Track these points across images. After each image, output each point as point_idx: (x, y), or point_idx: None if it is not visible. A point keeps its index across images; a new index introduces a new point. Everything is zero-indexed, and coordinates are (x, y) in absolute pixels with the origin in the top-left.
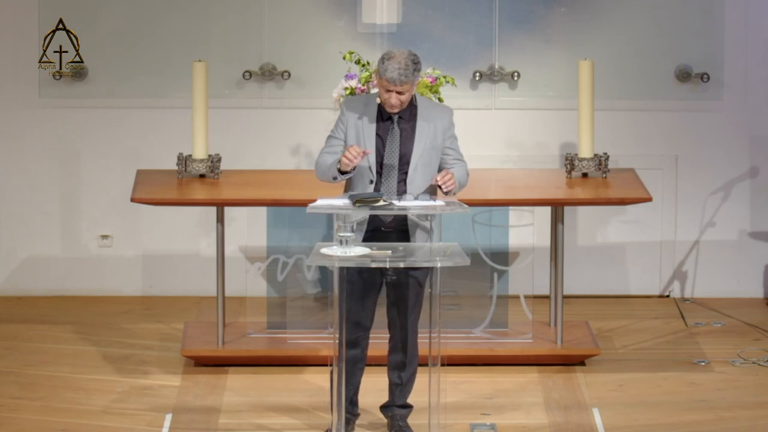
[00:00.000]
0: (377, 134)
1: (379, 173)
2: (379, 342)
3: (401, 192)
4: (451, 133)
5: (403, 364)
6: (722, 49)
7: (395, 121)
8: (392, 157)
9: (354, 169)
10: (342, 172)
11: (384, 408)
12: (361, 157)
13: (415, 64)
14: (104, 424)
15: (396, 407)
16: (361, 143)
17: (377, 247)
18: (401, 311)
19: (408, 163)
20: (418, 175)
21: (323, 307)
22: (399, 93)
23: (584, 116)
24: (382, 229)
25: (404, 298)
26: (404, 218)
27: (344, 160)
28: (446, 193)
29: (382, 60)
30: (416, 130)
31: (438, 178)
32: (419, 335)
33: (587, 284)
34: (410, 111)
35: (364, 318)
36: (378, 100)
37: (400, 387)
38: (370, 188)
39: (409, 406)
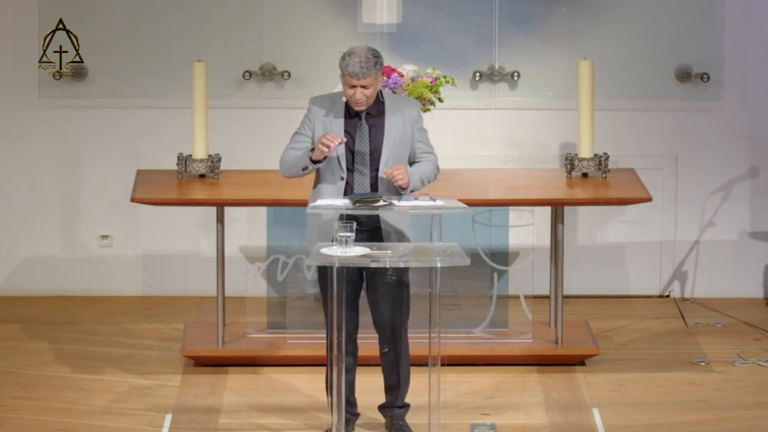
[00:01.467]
0: (346, 131)
1: (350, 170)
2: (373, 342)
3: (374, 188)
4: (419, 126)
5: (395, 365)
6: (722, 49)
7: (363, 118)
8: (362, 153)
9: (326, 158)
10: (315, 162)
11: (382, 408)
12: (338, 143)
13: (376, 58)
14: (104, 424)
15: (395, 408)
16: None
17: (377, 247)
18: (386, 311)
19: (379, 159)
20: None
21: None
22: (363, 87)
23: (584, 116)
24: (356, 228)
25: (387, 298)
26: (378, 217)
27: (320, 147)
28: (400, 188)
29: (343, 57)
30: (385, 125)
31: (386, 171)
32: (419, 335)
33: (587, 284)
34: (377, 107)
35: (350, 318)
36: (344, 99)
37: (395, 387)
38: (341, 185)
39: (407, 405)
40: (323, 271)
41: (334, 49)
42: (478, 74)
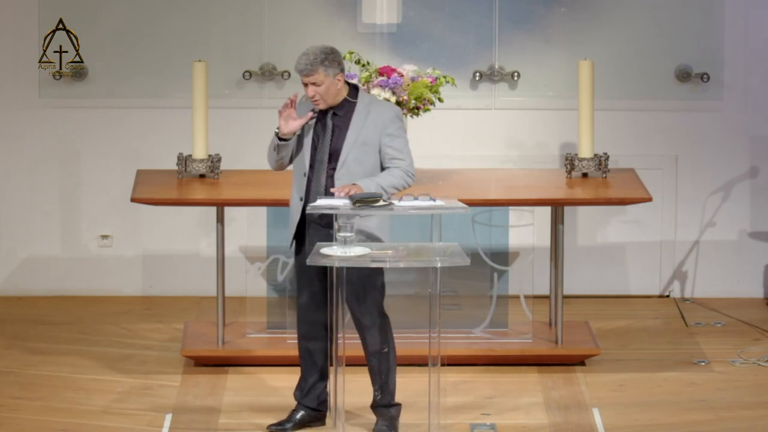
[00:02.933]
0: (314, 129)
1: (312, 167)
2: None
3: (330, 187)
4: (390, 131)
5: (376, 365)
6: (722, 49)
7: (329, 116)
8: (323, 152)
9: (292, 136)
10: (282, 140)
11: (372, 408)
12: (289, 104)
13: (326, 55)
14: (104, 424)
15: (381, 407)
16: (302, 139)
17: (378, 247)
18: (356, 311)
19: (338, 159)
20: (347, 171)
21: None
22: (314, 84)
23: (584, 116)
24: (313, 222)
25: (356, 298)
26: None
27: (279, 120)
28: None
29: (298, 57)
30: (350, 126)
31: (334, 191)
32: (419, 335)
33: (587, 284)
34: (347, 107)
35: (317, 319)
36: None
37: (379, 387)
38: (304, 181)
39: (396, 405)
40: (297, 270)
41: None
42: (478, 74)
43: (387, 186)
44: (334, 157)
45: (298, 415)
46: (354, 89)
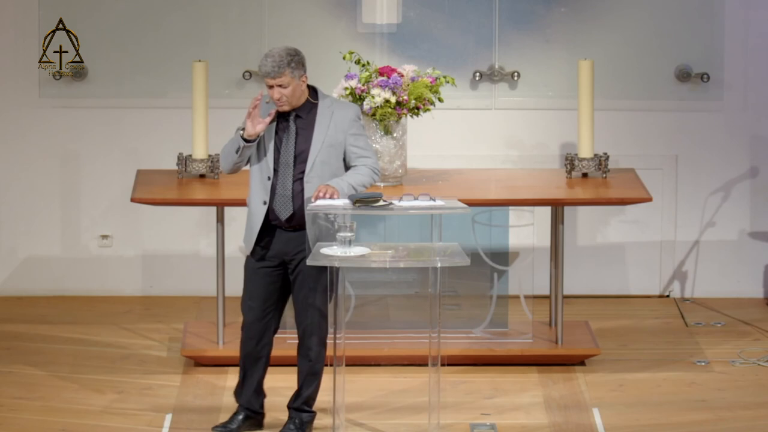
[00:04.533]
0: (276, 132)
1: (276, 170)
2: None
3: (298, 190)
4: (354, 131)
5: (308, 368)
6: (722, 49)
7: (292, 119)
8: (288, 155)
9: (256, 138)
10: (247, 141)
11: (289, 409)
12: (257, 101)
13: (291, 57)
14: (104, 424)
15: (294, 410)
16: (263, 142)
17: (378, 247)
18: (299, 308)
19: (305, 161)
20: (315, 173)
21: None
22: (280, 87)
23: (584, 116)
24: (278, 226)
25: (301, 294)
26: (302, 218)
27: (247, 120)
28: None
29: (262, 59)
30: (314, 128)
31: (313, 198)
32: (419, 335)
33: (587, 284)
34: (308, 108)
35: (265, 320)
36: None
37: (304, 390)
38: (268, 185)
39: (310, 412)
40: (248, 274)
41: (334, 49)
42: (478, 74)
43: (357, 185)
44: (300, 159)
45: (241, 416)
46: (313, 91)
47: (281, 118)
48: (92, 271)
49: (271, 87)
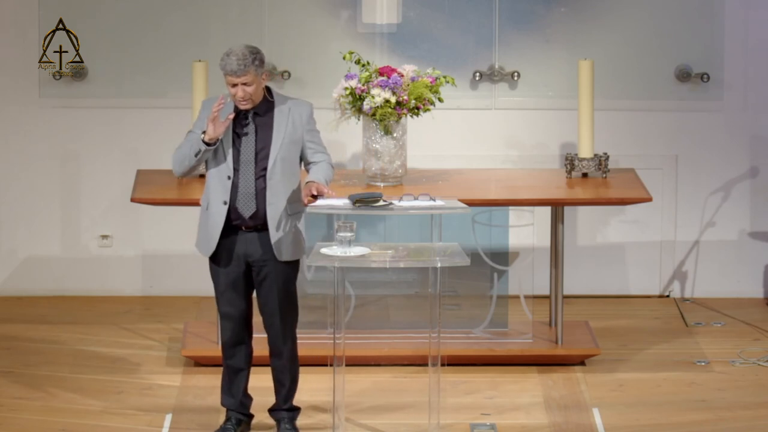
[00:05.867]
0: (234, 131)
1: (236, 169)
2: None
3: (261, 188)
4: (310, 127)
5: (282, 367)
6: (722, 49)
7: (250, 117)
8: (248, 153)
9: (217, 141)
10: (208, 145)
11: (271, 411)
12: (221, 103)
13: (254, 55)
14: (104, 424)
15: (283, 410)
16: (220, 142)
17: (378, 247)
18: (268, 310)
19: (267, 158)
20: (277, 170)
21: (323, 307)
22: (244, 85)
23: (584, 116)
24: (242, 228)
25: (269, 296)
26: (264, 216)
27: (209, 123)
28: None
29: (223, 58)
30: (274, 125)
31: (307, 200)
32: (419, 335)
33: (587, 284)
34: (266, 106)
35: (236, 315)
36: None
37: (284, 390)
38: (229, 184)
39: (296, 409)
40: (222, 279)
41: (334, 49)
42: (478, 74)
43: (328, 180)
44: (261, 156)
45: (233, 421)
46: (268, 89)
47: (238, 116)
48: (92, 271)
49: (234, 86)
